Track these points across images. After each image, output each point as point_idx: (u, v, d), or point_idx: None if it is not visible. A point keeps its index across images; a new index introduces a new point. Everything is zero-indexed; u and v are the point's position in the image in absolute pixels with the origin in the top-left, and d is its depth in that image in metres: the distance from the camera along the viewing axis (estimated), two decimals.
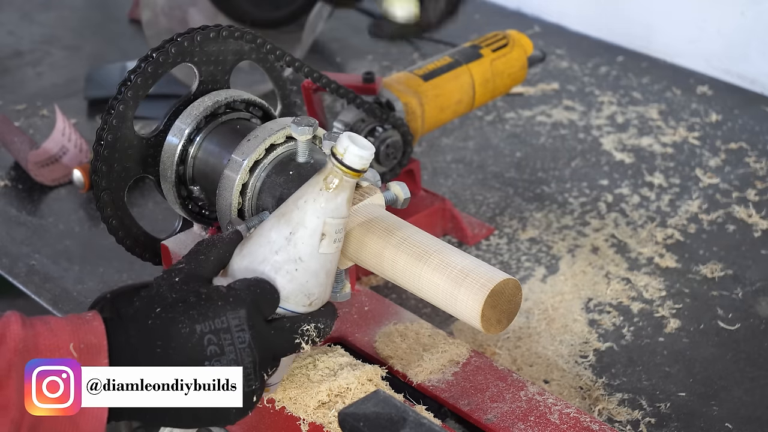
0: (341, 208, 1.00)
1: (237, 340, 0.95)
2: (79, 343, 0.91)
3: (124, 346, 0.93)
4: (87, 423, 0.91)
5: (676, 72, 2.01)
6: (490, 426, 1.08)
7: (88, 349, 0.91)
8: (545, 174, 1.70)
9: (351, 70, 2.04)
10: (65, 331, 0.91)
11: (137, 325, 0.94)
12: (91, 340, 0.91)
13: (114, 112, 1.15)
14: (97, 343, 0.91)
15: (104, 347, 0.91)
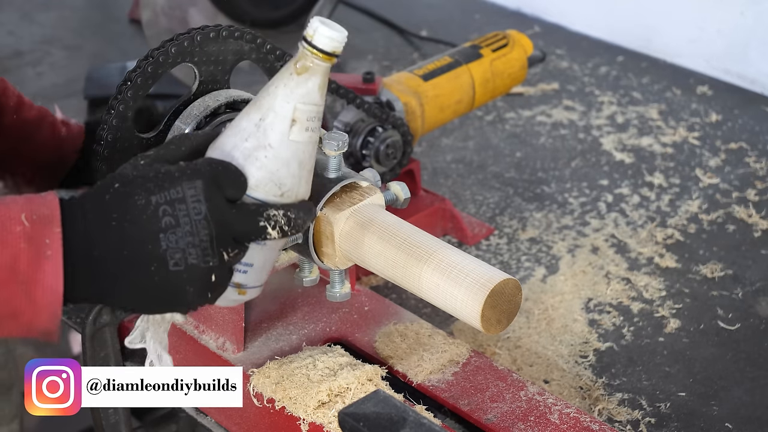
0: (313, 94, 0.98)
1: (192, 211, 0.91)
2: (32, 214, 0.89)
3: (79, 219, 0.91)
4: (42, 296, 0.89)
5: (676, 72, 2.01)
6: (490, 426, 1.08)
7: (40, 220, 0.89)
8: (545, 174, 1.70)
9: (351, 70, 2.04)
10: (18, 203, 0.90)
11: (94, 199, 0.92)
12: (44, 211, 0.89)
13: (114, 112, 1.15)
14: (50, 214, 0.89)
15: (57, 217, 0.89)
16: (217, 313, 1.15)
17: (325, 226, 1.07)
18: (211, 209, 0.92)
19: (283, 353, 1.14)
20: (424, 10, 2.30)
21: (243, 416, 1.14)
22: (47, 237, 0.88)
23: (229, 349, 1.15)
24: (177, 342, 1.20)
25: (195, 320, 1.18)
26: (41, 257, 0.88)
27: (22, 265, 0.88)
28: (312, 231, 1.07)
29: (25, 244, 0.88)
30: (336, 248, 1.07)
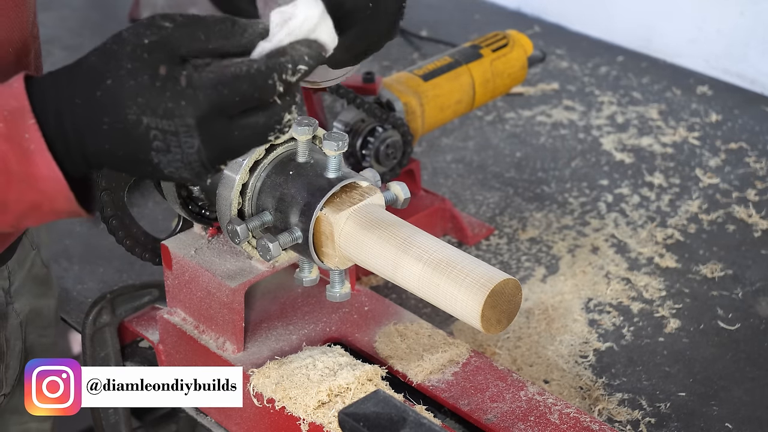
0: None
1: (184, 144, 0.86)
2: (2, 110, 0.85)
3: (65, 111, 0.86)
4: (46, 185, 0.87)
5: (676, 72, 2.01)
6: (490, 426, 1.08)
7: (12, 115, 0.85)
8: (545, 174, 1.70)
9: None
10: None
11: (84, 91, 0.86)
12: (12, 104, 0.86)
13: None
14: (19, 106, 0.85)
15: (27, 108, 0.85)
16: (217, 313, 1.15)
17: (325, 226, 1.07)
18: (205, 141, 0.87)
19: (283, 353, 1.14)
20: (424, 10, 2.30)
21: (243, 416, 1.14)
22: (25, 131, 0.86)
23: (229, 349, 1.15)
24: (177, 342, 1.20)
25: (195, 320, 1.18)
26: (26, 153, 0.86)
27: (13, 164, 0.86)
28: (312, 231, 1.07)
29: (6, 144, 0.86)
30: (336, 248, 1.07)
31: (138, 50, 0.85)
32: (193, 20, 0.87)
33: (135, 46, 0.86)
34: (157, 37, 0.86)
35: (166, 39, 0.86)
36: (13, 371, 1.28)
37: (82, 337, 1.30)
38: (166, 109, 0.85)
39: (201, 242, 1.21)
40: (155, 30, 0.86)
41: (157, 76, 0.85)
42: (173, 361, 1.22)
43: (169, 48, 0.86)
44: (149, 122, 0.85)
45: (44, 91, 0.87)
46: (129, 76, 0.85)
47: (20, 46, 1.08)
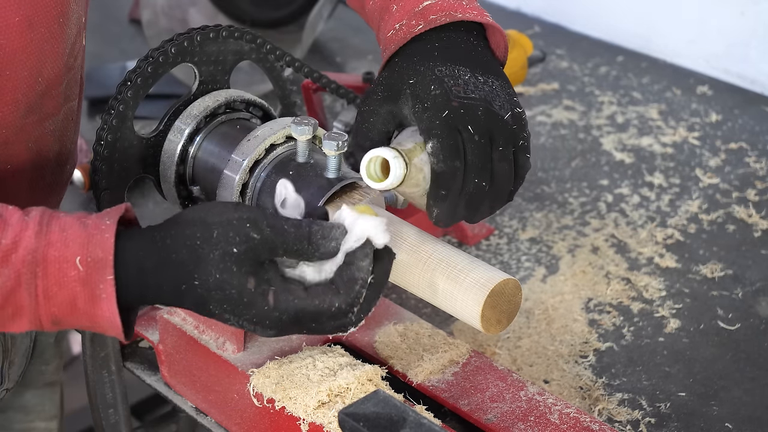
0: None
1: (260, 333, 0.97)
2: (86, 256, 0.93)
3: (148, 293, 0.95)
4: (103, 323, 0.95)
5: (676, 72, 2.01)
6: (490, 426, 1.08)
7: (94, 264, 0.93)
8: (545, 174, 1.70)
9: (351, 70, 2.04)
10: (76, 243, 0.93)
11: (171, 284, 0.95)
12: (98, 254, 0.93)
13: (114, 112, 1.15)
14: (103, 258, 0.93)
15: (110, 263, 0.93)
16: None
17: None
18: (278, 335, 0.98)
19: (283, 353, 1.14)
20: None
21: (243, 416, 1.14)
22: (101, 282, 0.93)
23: (229, 349, 1.15)
24: (177, 342, 1.20)
25: (195, 320, 1.18)
26: (96, 299, 0.94)
27: (81, 303, 0.94)
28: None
29: (80, 287, 0.93)
30: None
31: (226, 259, 0.93)
32: (276, 234, 0.95)
33: (224, 253, 0.93)
34: (245, 247, 0.94)
35: (253, 250, 0.94)
36: (18, 368, 1.28)
37: (82, 337, 1.30)
38: (250, 320, 0.95)
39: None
40: (243, 239, 0.94)
41: (245, 291, 0.94)
42: (173, 362, 1.22)
43: (254, 257, 0.94)
44: (232, 320, 0.95)
45: (128, 257, 0.94)
46: (217, 286, 0.93)
47: (52, 76, 1.11)
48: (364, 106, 1.08)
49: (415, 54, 1.08)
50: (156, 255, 0.95)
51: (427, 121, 1.03)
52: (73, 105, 1.20)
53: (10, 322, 0.94)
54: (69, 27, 1.12)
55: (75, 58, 1.17)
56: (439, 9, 1.10)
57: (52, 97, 1.13)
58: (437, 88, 1.04)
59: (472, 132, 1.02)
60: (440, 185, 1.03)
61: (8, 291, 0.92)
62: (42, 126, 1.14)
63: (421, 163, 1.03)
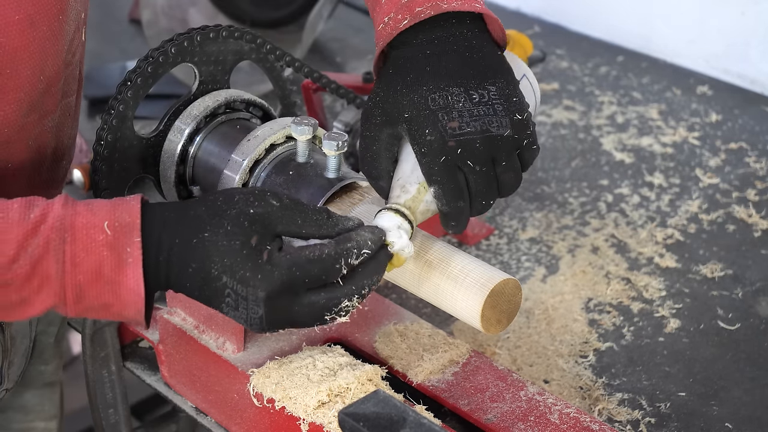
0: None
1: (251, 310, 0.96)
2: (114, 221, 0.95)
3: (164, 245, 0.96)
4: (127, 294, 0.96)
5: (676, 72, 2.01)
6: (490, 426, 1.08)
7: (121, 227, 0.95)
8: (545, 174, 1.70)
9: (351, 70, 2.04)
10: (103, 211, 0.95)
11: (185, 236, 0.96)
12: (126, 218, 0.95)
13: (114, 112, 1.15)
14: (131, 222, 0.95)
15: (137, 226, 0.95)
16: (217, 313, 1.15)
17: None
18: (268, 313, 0.96)
19: (283, 353, 1.14)
20: None
21: (243, 416, 1.14)
22: (128, 245, 0.95)
23: (229, 349, 1.15)
24: (177, 342, 1.20)
25: (195, 320, 1.18)
26: (122, 263, 0.95)
27: (106, 269, 0.95)
28: None
29: (107, 251, 0.94)
30: None
31: (242, 217, 0.96)
32: (296, 205, 0.98)
33: (240, 212, 0.96)
34: (262, 210, 0.96)
35: (269, 215, 0.96)
36: (17, 368, 1.28)
37: (82, 337, 1.30)
38: (244, 276, 0.95)
39: None
40: (263, 204, 0.97)
41: (247, 244, 0.95)
42: (173, 362, 1.22)
43: (268, 223, 0.96)
44: (227, 281, 0.95)
45: (154, 219, 0.97)
46: (225, 236, 0.95)
47: (52, 74, 1.12)
48: (365, 131, 1.08)
49: (408, 70, 1.06)
50: (177, 212, 0.97)
51: (426, 167, 1.03)
52: (70, 101, 1.20)
53: (35, 297, 0.95)
54: (68, 23, 1.12)
55: (73, 54, 1.17)
56: (425, 0, 1.08)
57: (52, 95, 1.14)
58: (432, 132, 1.02)
59: (473, 165, 1.02)
60: (449, 219, 1.04)
61: (36, 259, 0.93)
62: (42, 123, 1.14)
63: (427, 204, 1.04)
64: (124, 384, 1.33)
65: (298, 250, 0.96)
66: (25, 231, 0.93)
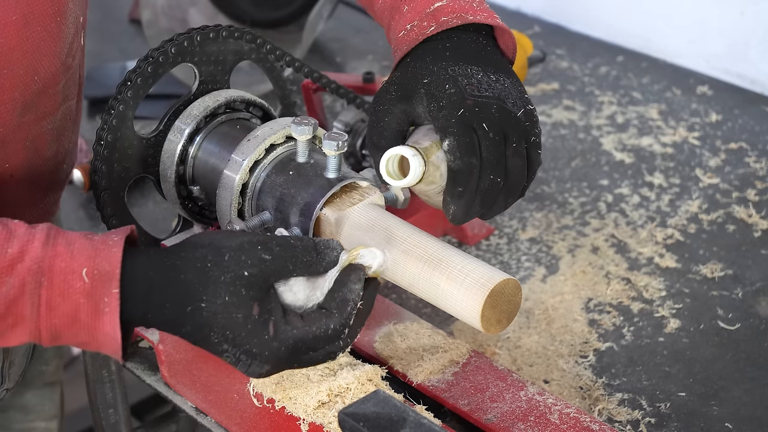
0: None
1: (252, 370, 0.96)
2: (93, 269, 0.93)
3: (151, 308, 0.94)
4: (103, 339, 0.94)
5: (676, 72, 2.01)
6: (490, 426, 1.08)
7: (100, 276, 0.93)
8: (545, 174, 1.70)
9: (351, 70, 2.04)
10: (83, 255, 0.93)
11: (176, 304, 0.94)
12: (105, 267, 0.93)
13: (114, 112, 1.15)
14: (110, 271, 0.93)
15: (116, 276, 0.93)
16: None
17: (325, 226, 1.07)
18: (271, 370, 0.97)
19: None
20: None
21: (243, 416, 1.14)
22: (105, 296, 0.93)
23: None
24: (177, 342, 1.20)
25: None
26: (99, 312, 0.93)
27: (83, 315, 0.93)
28: (312, 231, 1.07)
29: (84, 299, 0.93)
30: None
31: (237, 283, 0.93)
32: (286, 251, 0.96)
33: (235, 276, 0.93)
34: (257, 271, 0.94)
35: (263, 272, 0.94)
36: (18, 368, 1.28)
37: None
38: (249, 351, 0.94)
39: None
40: (256, 263, 0.94)
41: (250, 317, 0.93)
42: (173, 362, 1.22)
43: (263, 280, 0.95)
44: (228, 348, 0.94)
45: (136, 275, 0.94)
46: (224, 309, 0.93)
47: (48, 75, 1.12)
48: (378, 105, 1.09)
49: (428, 54, 1.09)
50: (164, 274, 0.94)
51: (443, 120, 1.04)
52: (71, 104, 1.20)
53: (10, 333, 0.93)
54: (66, 26, 1.12)
55: (73, 57, 1.17)
56: (451, 11, 1.11)
57: (50, 96, 1.13)
58: (452, 87, 1.04)
59: (487, 129, 1.03)
60: (457, 182, 1.04)
61: (11, 300, 0.92)
62: (39, 125, 1.14)
63: (438, 161, 1.04)
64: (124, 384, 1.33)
65: (304, 326, 0.96)
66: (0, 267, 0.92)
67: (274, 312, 0.95)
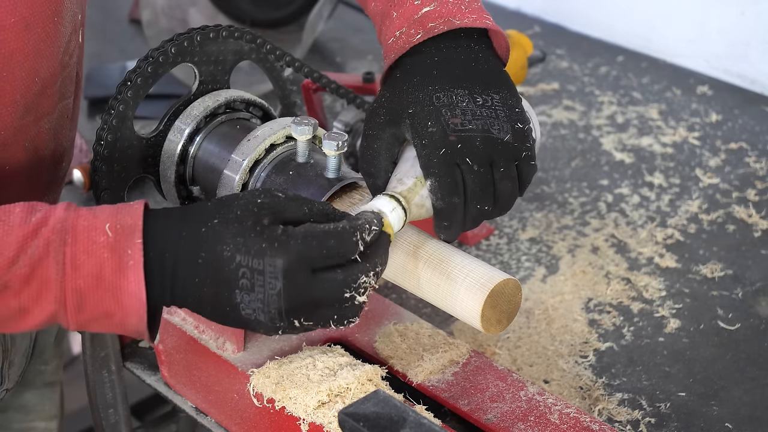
0: None
1: (268, 285, 0.94)
2: (116, 223, 0.94)
3: (170, 244, 0.95)
4: (128, 301, 0.94)
5: (676, 72, 2.01)
6: (490, 426, 1.08)
7: (123, 229, 0.94)
8: (545, 174, 1.70)
9: (351, 70, 2.04)
10: (105, 213, 0.94)
11: (192, 227, 0.95)
12: (128, 221, 0.94)
13: (114, 112, 1.15)
14: (133, 224, 0.94)
15: (139, 228, 0.94)
16: None
17: None
18: (287, 286, 0.94)
19: (283, 353, 1.14)
20: None
21: (243, 416, 1.14)
22: (129, 248, 0.93)
23: (229, 349, 1.15)
24: (176, 342, 1.20)
25: (195, 320, 1.18)
26: (123, 266, 0.93)
27: (107, 272, 0.93)
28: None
29: (108, 253, 0.93)
30: None
31: (250, 205, 0.95)
32: (300, 197, 0.98)
33: (248, 201, 0.95)
34: (269, 200, 0.96)
35: (276, 204, 0.96)
36: (17, 368, 1.28)
37: (82, 337, 1.30)
38: (260, 249, 0.93)
39: None
40: (269, 195, 0.96)
41: (260, 223, 0.94)
42: (173, 362, 1.22)
43: (277, 210, 0.95)
44: (241, 260, 0.93)
45: (158, 221, 0.96)
46: (235, 219, 0.94)
47: (48, 75, 1.12)
48: (368, 129, 1.08)
49: (415, 73, 1.08)
50: (182, 210, 0.97)
51: (425, 159, 1.03)
52: (68, 102, 1.20)
53: (35, 303, 0.93)
54: (64, 25, 1.12)
55: (70, 56, 1.17)
56: (438, 15, 1.10)
57: (48, 96, 1.14)
58: (434, 125, 1.03)
59: (471, 163, 1.02)
60: (442, 219, 1.04)
61: (36, 261, 0.92)
62: (38, 125, 1.14)
63: (422, 199, 1.04)
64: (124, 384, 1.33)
65: (314, 224, 0.95)
66: (25, 233, 0.92)
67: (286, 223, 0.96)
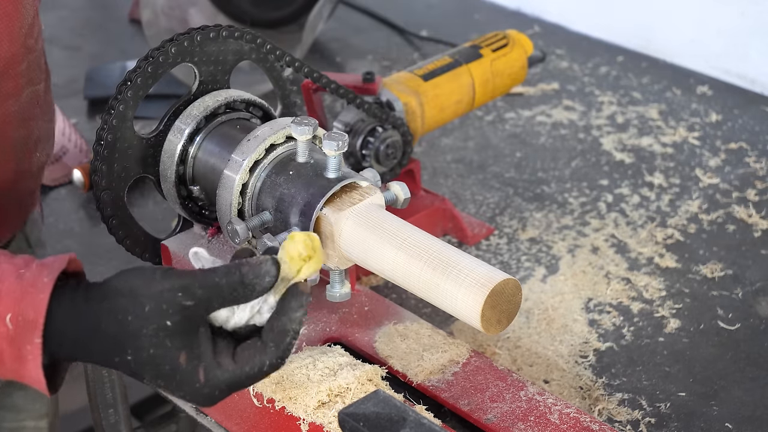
0: None
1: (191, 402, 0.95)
2: (17, 315, 0.91)
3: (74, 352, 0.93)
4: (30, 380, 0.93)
5: (676, 72, 2.01)
6: (490, 426, 1.08)
7: (24, 324, 0.91)
8: (545, 174, 1.70)
9: (351, 70, 2.04)
10: (10, 298, 0.91)
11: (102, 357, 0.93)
12: (30, 314, 0.91)
13: (114, 112, 1.15)
14: (34, 320, 0.90)
15: (39, 326, 0.90)
16: None
17: (325, 226, 1.07)
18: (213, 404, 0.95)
19: None
20: (424, 10, 2.30)
21: (243, 416, 1.14)
22: (28, 344, 0.91)
23: None
24: None
25: None
26: (23, 359, 0.92)
27: (7, 359, 0.92)
28: (312, 231, 1.07)
29: (7, 345, 0.91)
30: (336, 248, 1.07)
31: (160, 334, 0.90)
32: (210, 291, 0.91)
33: (158, 328, 0.90)
34: (179, 317, 0.90)
35: (187, 319, 0.91)
36: None
37: None
38: (183, 396, 0.93)
39: (201, 242, 1.21)
40: (177, 310, 0.90)
41: (177, 368, 0.91)
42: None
43: (188, 326, 0.91)
44: (164, 391, 0.93)
45: (59, 327, 0.92)
46: (150, 361, 0.91)
47: (9, 56, 1.12)
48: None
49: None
50: (87, 324, 0.92)
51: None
52: (38, 89, 1.21)
53: None
54: (24, 7, 1.13)
55: (36, 40, 1.17)
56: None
57: (11, 77, 1.14)
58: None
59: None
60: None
61: None
62: (4, 106, 1.14)
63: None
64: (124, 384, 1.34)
65: (236, 369, 0.93)
66: None
67: (204, 356, 0.92)
